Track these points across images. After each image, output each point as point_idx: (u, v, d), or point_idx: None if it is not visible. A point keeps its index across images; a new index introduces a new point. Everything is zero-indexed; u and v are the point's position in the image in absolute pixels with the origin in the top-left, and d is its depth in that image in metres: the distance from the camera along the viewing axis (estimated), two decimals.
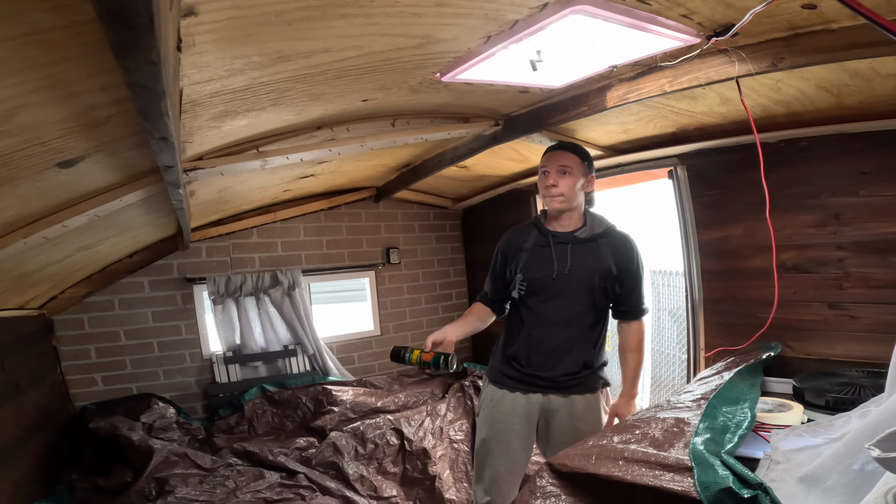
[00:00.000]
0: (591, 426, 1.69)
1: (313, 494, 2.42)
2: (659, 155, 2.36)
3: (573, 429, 1.69)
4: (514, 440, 1.73)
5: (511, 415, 1.73)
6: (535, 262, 1.71)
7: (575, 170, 1.66)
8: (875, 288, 1.78)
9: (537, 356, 1.70)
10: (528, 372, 1.71)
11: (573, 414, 1.71)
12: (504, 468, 1.74)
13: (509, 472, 1.74)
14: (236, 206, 2.94)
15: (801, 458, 1.16)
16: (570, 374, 1.69)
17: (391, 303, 3.81)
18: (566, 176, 1.65)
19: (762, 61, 1.32)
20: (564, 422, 1.71)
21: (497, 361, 1.81)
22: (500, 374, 1.78)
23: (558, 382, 1.70)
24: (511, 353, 1.74)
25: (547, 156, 1.71)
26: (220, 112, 1.36)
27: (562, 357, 1.69)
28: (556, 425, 1.72)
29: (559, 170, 1.66)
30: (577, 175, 1.67)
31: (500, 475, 1.74)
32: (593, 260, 1.68)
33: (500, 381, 1.77)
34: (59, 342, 2.70)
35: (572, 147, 1.71)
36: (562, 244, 1.70)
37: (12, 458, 1.92)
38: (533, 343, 1.70)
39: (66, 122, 1.00)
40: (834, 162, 1.86)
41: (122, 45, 0.58)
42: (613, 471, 1.06)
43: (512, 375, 1.74)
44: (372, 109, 1.78)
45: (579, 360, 1.70)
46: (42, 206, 1.43)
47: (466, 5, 1.05)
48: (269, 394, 3.00)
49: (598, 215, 1.77)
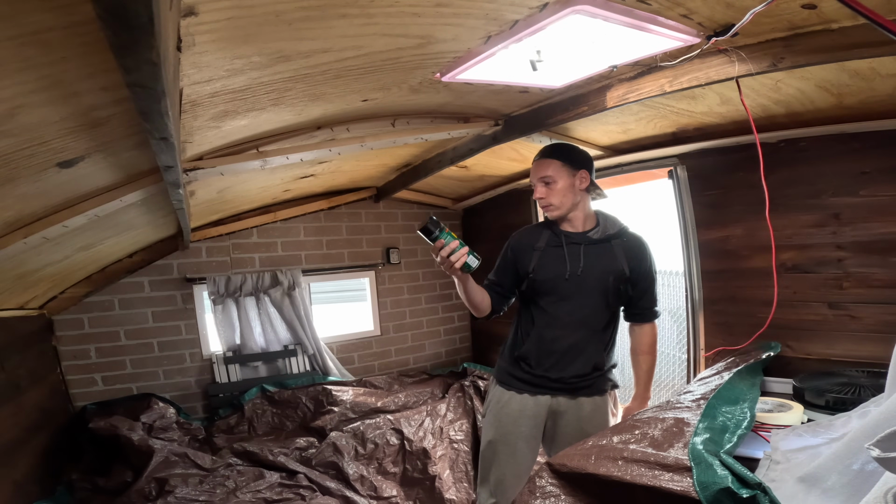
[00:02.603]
0: (597, 428, 1.67)
1: (313, 494, 2.42)
2: (659, 155, 2.36)
3: (579, 430, 1.68)
4: (520, 442, 1.71)
5: (518, 417, 1.71)
6: (547, 262, 1.68)
7: (558, 175, 1.63)
8: (875, 288, 1.78)
9: (548, 358, 1.68)
10: (538, 373, 1.69)
11: (580, 416, 1.70)
12: (510, 471, 1.72)
13: (515, 474, 1.72)
14: (236, 206, 2.94)
15: (801, 458, 1.16)
16: (580, 375, 1.68)
17: (391, 303, 3.81)
18: (550, 185, 1.64)
19: (762, 61, 1.32)
20: (571, 423, 1.70)
21: (505, 362, 1.79)
22: (507, 376, 1.76)
23: (568, 384, 1.69)
24: (521, 353, 1.72)
25: (532, 167, 1.70)
26: (220, 112, 1.36)
27: (573, 359, 1.67)
28: (562, 426, 1.71)
29: (541, 181, 1.65)
30: (563, 179, 1.64)
31: (506, 478, 1.72)
32: (606, 261, 1.67)
33: (508, 383, 1.75)
34: (59, 342, 2.70)
35: (553, 152, 1.68)
36: (575, 244, 1.68)
37: (12, 458, 1.92)
38: (544, 344, 1.68)
39: (66, 122, 1.00)
40: (834, 162, 1.86)
41: (122, 45, 0.58)
42: (613, 471, 1.06)
43: (520, 377, 1.72)
44: (372, 109, 1.78)
45: (590, 361, 1.68)
46: (42, 206, 1.43)
47: (466, 5, 1.05)
48: (269, 394, 3.00)
49: (612, 216, 1.76)
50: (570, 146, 1.72)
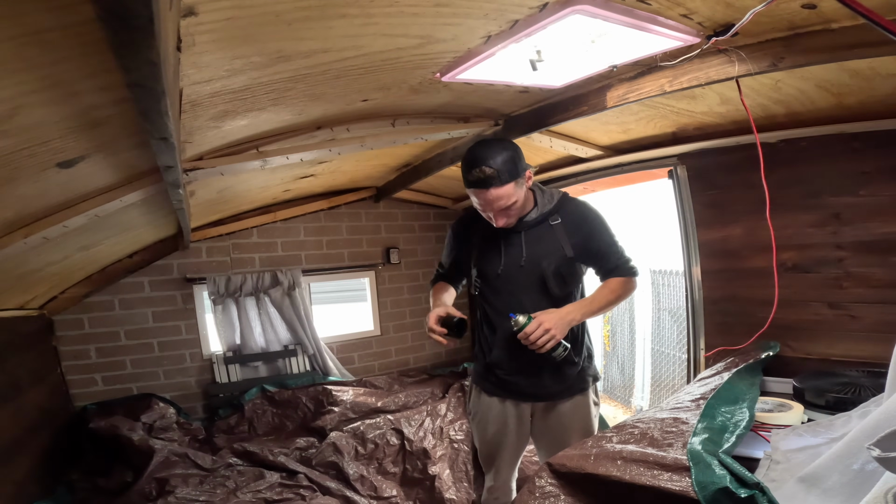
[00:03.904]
0: (579, 422, 1.66)
1: (313, 494, 2.42)
2: (659, 155, 2.36)
3: (560, 426, 1.67)
4: (512, 435, 1.73)
5: (503, 416, 1.71)
6: (488, 254, 1.59)
7: (515, 195, 1.43)
8: (875, 288, 1.78)
9: (514, 361, 1.60)
10: (512, 380, 1.63)
11: (561, 419, 1.67)
12: (507, 459, 1.77)
13: (509, 462, 1.78)
14: (236, 206, 2.94)
15: (801, 457, 1.16)
16: (554, 380, 1.61)
17: (391, 303, 3.81)
18: (509, 208, 1.46)
19: (762, 61, 1.32)
20: (553, 424, 1.68)
21: (480, 367, 1.75)
22: (484, 382, 1.72)
23: (543, 394, 1.64)
24: (491, 361, 1.67)
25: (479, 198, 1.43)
26: (220, 112, 1.36)
27: (537, 359, 1.49)
28: (543, 428, 1.71)
29: (501, 212, 1.46)
30: (518, 194, 1.45)
31: (504, 464, 1.78)
32: (546, 245, 1.54)
33: (487, 389, 1.72)
34: (60, 342, 2.70)
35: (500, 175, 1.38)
36: (514, 233, 1.56)
37: (12, 458, 1.92)
38: (506, 346, 1.59)
39: (66, 122, 1.00)
40: (834, 162, 1.86)
41: (122, 45, 0.58)
42: (612, 470, 1.07)
43: (496, 383, 1.68)
44: (372, 109, 1.78)
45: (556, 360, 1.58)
46: (42, 206, 1.43)
47: (466, 5, 1.05)
48: (269, 394, 3.00)
49: (547, 189, 1.61)
50: (507, 156, 1.40)
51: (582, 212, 1.58)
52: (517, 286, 1.57)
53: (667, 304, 4.36)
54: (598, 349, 5.22)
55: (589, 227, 1.56)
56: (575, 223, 1.56)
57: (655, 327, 4.49)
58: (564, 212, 1.57)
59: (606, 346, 5.21)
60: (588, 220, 1.57)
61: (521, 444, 1.77)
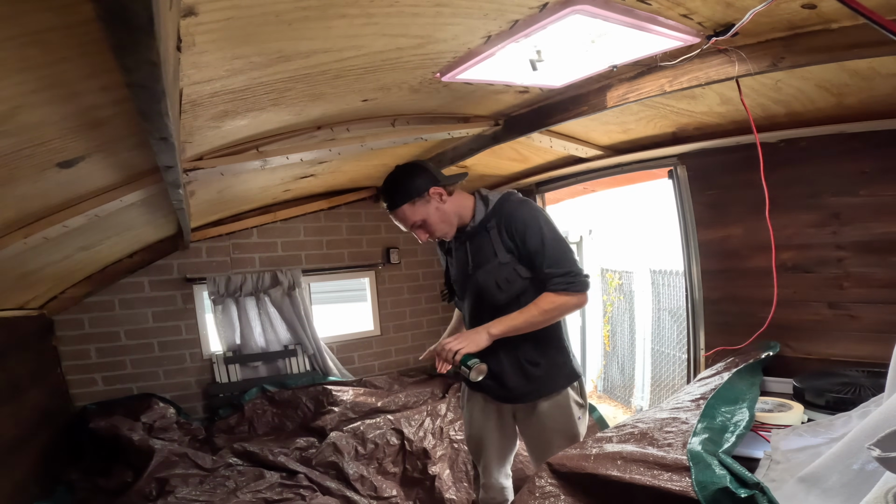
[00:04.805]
0: (560, 423, 1.62)
1: (313, 494, 2.42)
2: (659, 155, 2.36)
3: (540, 425, 1.65)
4: (495, 433, 1.76)
5: (485, 413, 1.75)
6: (452, 265, 1.71)
7: (417, 213, 1.50)
8: (875, 288, 1.78)
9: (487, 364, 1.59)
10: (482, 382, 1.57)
11: (541, 418, 1.65)
12: (492, 456, 1.79)
13: (497, 460, 1.80)
14: (236, 206, 2.94)
15: (801, 457, 1.16)
16: (519, 381, 1.59)
17: (391, 303, 3.81)
18: (423, 226, 1.54)
19: (762, 61, 1.32)
20: (534, 423, 1.67)
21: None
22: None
23: (511, 396, 1.64)
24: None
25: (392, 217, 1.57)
26: (220, 112, 1.36)
27: (502, 360, 1.56)
28: (526, 427, 1.71)
29: (413, 228, 1.56)
30: (424, 211, 1.50)
31: (491, 461, 1.80)
32: (484, 252, 1.56)
33: (472, 386, 1.73)
34: (60, 342, 2.70)
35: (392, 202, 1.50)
36: (461, 244, 1.63)
37: (12, 458, 1.92)
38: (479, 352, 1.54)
39: (66, 122, 1.00)
40: (834, 162, 1.86)
41: (122, 45, 0.58)
42: (612, 470, 1.07)
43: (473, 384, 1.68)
44: (372, 109, 1.78)
45: (520, 359, 1.58)
46: (42, 206, 1.43)
47: (466, 5, 1.05)
48: (269, 394, 3.00)
49: (487, 194, 1.61)
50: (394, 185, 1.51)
51: (511, 212, 1.52)
52: (469, 294, 1.64)
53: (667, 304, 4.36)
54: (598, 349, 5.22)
55: (521, 227, 1.50)
56: (507, 225, 1.52)
57: (655, 327, 4.49)
58: (500, 215, 1.54)
59: (606, 346, 5.21)
60: (517, 220, 1.50)
61: (506, 443, 1.79)
